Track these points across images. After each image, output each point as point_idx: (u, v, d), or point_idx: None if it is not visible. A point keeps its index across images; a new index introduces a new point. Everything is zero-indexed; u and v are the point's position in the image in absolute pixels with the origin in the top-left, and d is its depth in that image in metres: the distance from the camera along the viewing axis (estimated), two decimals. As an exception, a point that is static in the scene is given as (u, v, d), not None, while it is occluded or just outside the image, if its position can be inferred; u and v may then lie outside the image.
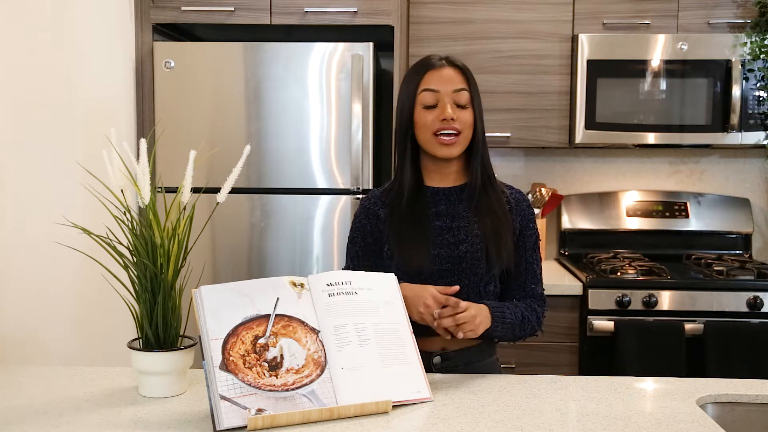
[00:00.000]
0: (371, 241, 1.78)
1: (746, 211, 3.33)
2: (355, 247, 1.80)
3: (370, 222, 1.78)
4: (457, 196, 1.75)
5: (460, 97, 1.69)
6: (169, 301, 1.47)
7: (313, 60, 2.76)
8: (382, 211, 1.77)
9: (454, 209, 1.74)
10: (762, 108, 2.99)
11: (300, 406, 1.32)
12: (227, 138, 2.79)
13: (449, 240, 1.71)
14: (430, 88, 1.69)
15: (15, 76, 2.00)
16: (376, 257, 1.77)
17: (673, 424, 1.35)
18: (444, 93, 1.69)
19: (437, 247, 1.70)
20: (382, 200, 1.79)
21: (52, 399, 1.47)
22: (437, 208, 1.74)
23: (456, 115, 1.67)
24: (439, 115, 1.67)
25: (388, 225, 1.75)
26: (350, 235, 1.82)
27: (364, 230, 1.79)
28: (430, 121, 1.69)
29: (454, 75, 1.71)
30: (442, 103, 1.68)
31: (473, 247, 1.70)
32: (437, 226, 1.72)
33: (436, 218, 1.73)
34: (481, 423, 1.34)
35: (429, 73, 1.71)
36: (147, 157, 1.49)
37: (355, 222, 1.81)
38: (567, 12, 3.06)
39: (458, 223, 1.72)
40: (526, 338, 1.76)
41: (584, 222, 3.35)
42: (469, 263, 1.70)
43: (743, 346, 2.68)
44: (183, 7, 2.81)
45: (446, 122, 1.67)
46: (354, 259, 1.80)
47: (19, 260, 2.01)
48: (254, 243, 2.82)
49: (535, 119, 3.10)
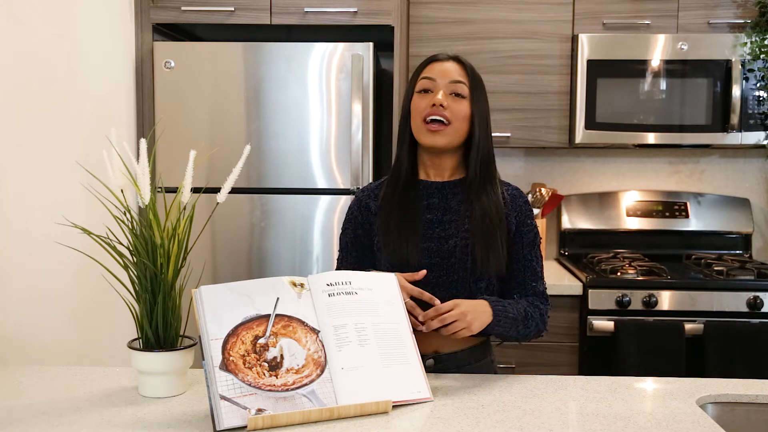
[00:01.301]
0: (361, 233, 1.79)
1: (746, 211, 3.33)
2: (345, 238, 1.82)
3: (361, 214, 1.80)
4: (450, 190, 1.75)
5: (457, 88, 1.70)
6: (169, 301, 1.47)
7: (313, 60, 2.76)
8: (374, 204, 1.78)
9: (446, 203, 1.74)
10: (762, 108, 2.99)
11: (300, 406, 1.32)
12: (227, 138, 2.79)
13: (439, 234, 1.71)
14: (428, 76, 1.71)
15: (15, 76, 2.00)
16: (364, 249, 1.78)
17: (673, 424, 1.35)
18: (440, 82, 1.70)
19: (426, 240, 1.70)
20: (376, 193, 1.80)
21: (52, 399, 1.47)
22: (429, 201, 1.74)
23: (447, 103, 1.68)
24: (431, 101, 1.69)
25: (378, 215, 1.76)
26: (343, 225, 1.84)
27: (354, 221, 1.80)
28: (423, 107, 1.69)
29: (454, 68, 1.72)
30: (437, 90, 1.69)
31: (462, 241, 1.69)
32: (427, 219, 1.72)
33: (427, 211, 1.73)
34: (481, 423, 1.34)
35: (431, 64, 1.74)
36: (147, 157, 1.49)
37: (348, 213, 1.83)
38: (567, 12, 3.06)
39: (449, 217, 1.72)
40: (532, 338, 1.73)
41: (584, 222, 3.35)
42: (458, 258, 1.68)
43: (743, 346, 2.68)
44: (183, 7, 2.81)
45: (435, 108, 1.67)
46: (343, 250, 1.82)
47: (19, 260, 2.01)
48: (254, 243, 2.82)
49: (535, 119, 3.10)
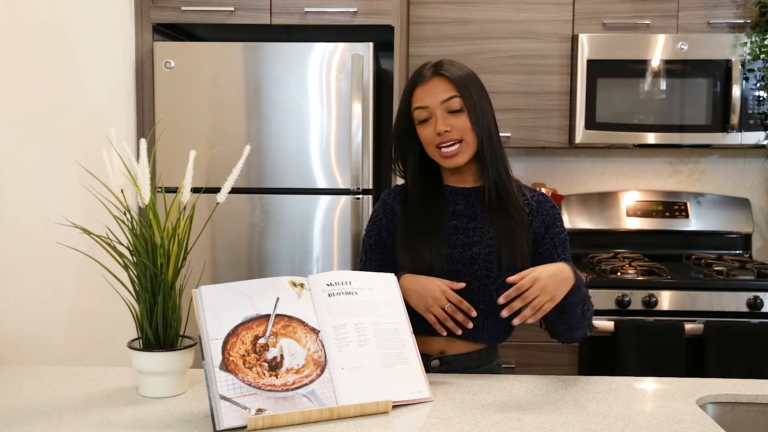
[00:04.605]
0: (386, 236, 1.78)
1: (746, 211, 3.33)
2: (369, 240, 1.80)
3: (386, 216, 1.79)
4: (476, 196, 1.74)
5: (452, 105, 1.67)
6: (169, 301, 1.47)
7: (313, 60, 2.76)
8: (399, 207, 1.77)
9: (471, 210, 1.73)
10: (762, 108, 2.99)
11: (300, 406, 1.32)
12: (227, 138, 2.79)
13: (463, 240, 1.70)
14: (420, 106, 1.69)
15: (15, 76, 2.00)
16: (388, 251, 1.77)
17: (673, 424, 1.35)
18: (433, 106, 1.67)
19: (450, 247, 1.69)
20: (401, 196, 1.79)
21: (52, 399, 1.47)
22: (455, 207, 1.74)
23: (449, 125, 1.66)
24: (434, 130, 1.67)
25: (401, 221, 1.75)
26: (367, 227, 1.82)
27: (379, 224, 1.79)
28: (430, 137, 1.68)
29: (440, 84, 1.68)
30: (434, 117, 1.67)
31: (486, 249, 1.68)
32: (452, 225, 1.72)
33: (452, 217, 1.72)
34: (481, 423, 1.34)
35: (417, 89, 1.70)
36: (147, 157, 1.49)
37: (372, 215, 1.82)
38: (567, 12, 3.06)
39: (474, 224, 1.71)
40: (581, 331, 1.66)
41: (584, 222, 3.35)
42: (482, 265, 1.68)
43: (743, 346, 2.68)
44: (183, 7, 2.81)
45: (441, 136, 1.66)
46: (368, 252, 1.80)
47: (19, 260, 2.01)
48: (254, 243, 2.82)
49: (535, 119, 3.10)
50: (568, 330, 1.65)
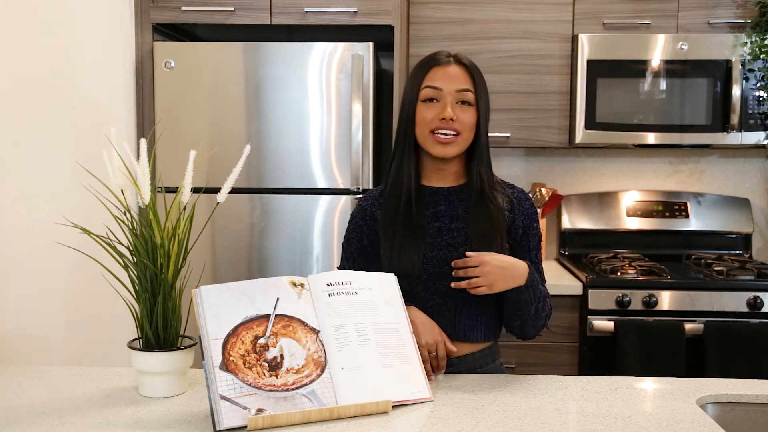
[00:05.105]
0: (367, 243, 1.75)
1: (746, 211, 3.33)
2: (350, 248, 1.77)
3: (366, 223, 1.75)
4: (456, 196, 1.72)
5: (463, 97, 1.65)
6: (169, 301, 1.47)
7: (313, 60, 2.76)
8: (379, 213, 1.74)
9: (453, 210, 1.70)
10: (762, 108, 2.99)
11: (300, 406, 1.32)
12: (227, 138, 2.79)
13: (448, 242, 1.67)
14: (433, 86, 1.66)
15: (15, 76, 2.00)
16: (371, 260, 1.73)
17: (673, 424, 1.35)
18: (446, 91, 1.65)
19: (435, 249, 1.67)
20: (380, 201, 1.76)
21: (52, 399, 1.47)
22: (437, 208, 1.71)
23: (456, 115, 1.64)
24: (439, 114, 1.64)
25: (381, 225, 1.72)
26: (346, 235, 1.79)
27: (360, 231, 1.76)
28: (429, 118, 1.65)
29: (459, 73, 1.67)
30: (444, 101, 1.65)
31: (470, 249, 1.66)
32: (435, 227, 1.69)
33: (434, 219, 1.70)
34: (481, 423, 1.34)
35: (434, 69, 1.68)
36: (147, 157, 1.49)
37: (351, 222, 1.78)
38: (567, 12, 3.06)
39: (457, 225, 1.69)
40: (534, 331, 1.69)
41: (584, 222, 3.35)
42: None
43: (743, 346, 2.68)
44: (183, 7, 2.81)
45: (445, 122, 1.63)
46: (349, 260, 1.77)
47: (19, 260, 2.01)
48: (254, 243, 2.82)
49: (535, 119, 3.10)
50: (521, 326, 1.69)
